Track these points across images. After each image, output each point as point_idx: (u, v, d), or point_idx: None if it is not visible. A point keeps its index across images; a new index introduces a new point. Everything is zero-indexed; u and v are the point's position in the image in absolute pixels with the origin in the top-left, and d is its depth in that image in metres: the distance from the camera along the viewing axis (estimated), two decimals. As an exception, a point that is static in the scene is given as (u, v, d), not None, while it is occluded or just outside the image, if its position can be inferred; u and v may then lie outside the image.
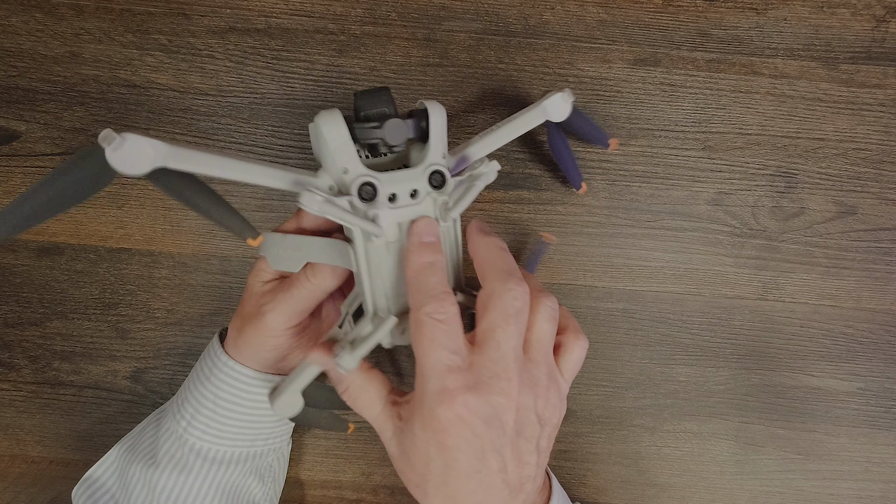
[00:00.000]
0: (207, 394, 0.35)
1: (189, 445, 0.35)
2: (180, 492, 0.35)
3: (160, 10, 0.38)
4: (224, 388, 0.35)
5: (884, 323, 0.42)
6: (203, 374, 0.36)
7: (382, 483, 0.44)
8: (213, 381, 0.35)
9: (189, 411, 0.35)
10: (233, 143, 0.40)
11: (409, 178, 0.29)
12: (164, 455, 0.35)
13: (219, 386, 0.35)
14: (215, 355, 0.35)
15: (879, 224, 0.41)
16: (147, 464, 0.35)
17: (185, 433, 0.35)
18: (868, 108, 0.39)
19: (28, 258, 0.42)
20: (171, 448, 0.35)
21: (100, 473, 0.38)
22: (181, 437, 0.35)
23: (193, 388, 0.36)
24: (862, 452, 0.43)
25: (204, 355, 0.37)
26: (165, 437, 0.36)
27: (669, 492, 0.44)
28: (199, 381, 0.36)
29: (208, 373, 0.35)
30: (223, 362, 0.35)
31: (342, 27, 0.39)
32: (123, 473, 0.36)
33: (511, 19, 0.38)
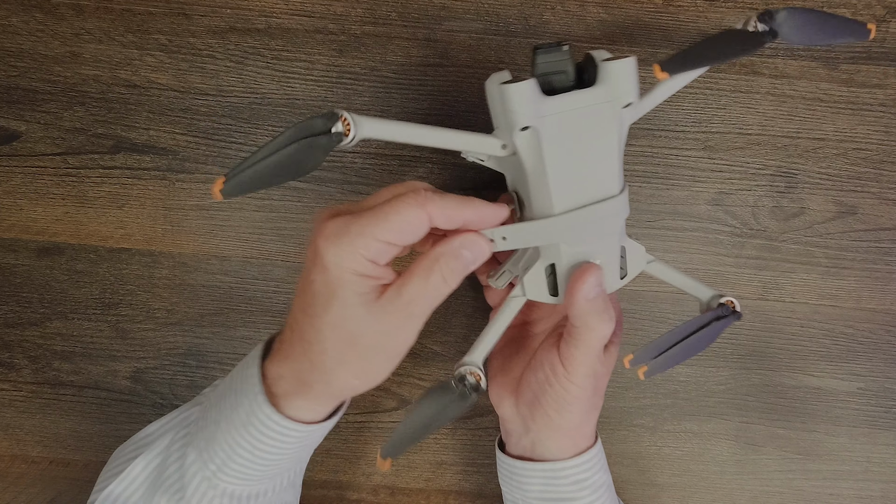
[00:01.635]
0: (244, 443, 0.31)
1: (221, 489, 0.32)
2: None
3: (160, 10, 0.38)
4: (266, 440, 0.31)
5: (884, 323, 0.42)
6: (238, 420, 0.31)
7: (382, 483, 0.44)
8: (251, 433, 0.31)
9: (220, 456, 0.32)
10: (233, 143, 0.40)
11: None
12: (194, 494, 0.32)
13: (259, 439, 0.31)
14: (258, 407, 0.31)
15: (879, 224, 0.41)
16: (175, 497, 0.33)
17: (215, 477, 0.32)
18: (868, 108, 0.39)
19: (28, 258, 0.42)
20: (199, 486, 0.32)
21: (120, 491, 0.34)
22: (210, 480, 0.32)
23: (226, 432, 0.31)
24: (862, 452, 0.43)
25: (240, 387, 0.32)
26: (192, 472, 0.32)
27: (669, 492, 0.44)
28: (231, 426, 0.31)
29: (245, 420, 0.31)
30: (267, 416, 0.30)
31: (342, 27, 0.39)
32: (147, 498, 0.34)
33: (511, 19, 0.38)
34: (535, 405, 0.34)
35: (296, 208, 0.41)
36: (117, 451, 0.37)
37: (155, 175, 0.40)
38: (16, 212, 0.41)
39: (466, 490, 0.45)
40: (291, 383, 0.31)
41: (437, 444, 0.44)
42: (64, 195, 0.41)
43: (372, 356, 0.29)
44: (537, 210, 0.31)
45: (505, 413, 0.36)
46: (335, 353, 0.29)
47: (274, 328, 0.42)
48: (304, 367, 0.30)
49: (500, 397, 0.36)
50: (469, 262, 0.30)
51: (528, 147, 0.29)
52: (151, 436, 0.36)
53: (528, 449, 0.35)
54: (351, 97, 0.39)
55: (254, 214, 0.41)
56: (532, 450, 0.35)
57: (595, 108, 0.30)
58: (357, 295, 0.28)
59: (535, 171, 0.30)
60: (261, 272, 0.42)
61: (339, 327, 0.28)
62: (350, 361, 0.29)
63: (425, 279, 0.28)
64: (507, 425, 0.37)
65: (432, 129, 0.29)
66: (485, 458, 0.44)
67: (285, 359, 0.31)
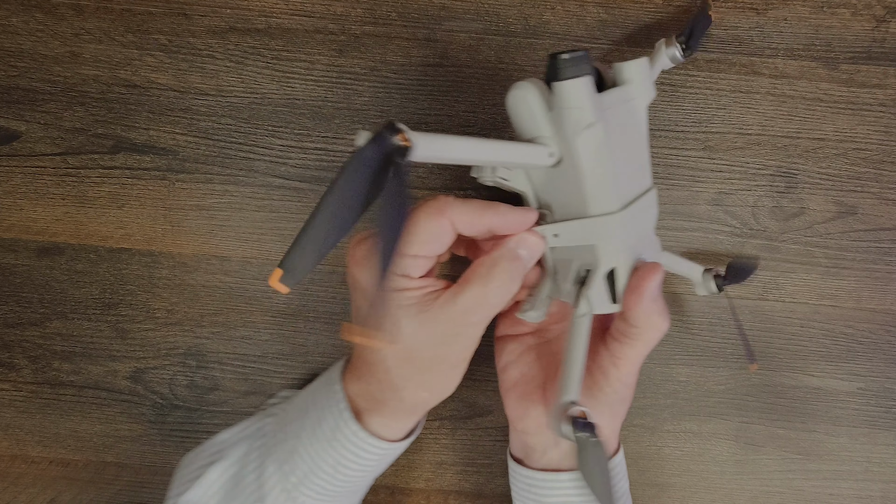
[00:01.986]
0: (328, 458, 0.31)
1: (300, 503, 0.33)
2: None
3: (160, 10, 0.38)
4: (350, 457, 0.31)
5: (884, 323, 0.42)
6: (322, 434, 0.31)
7: (383, 483, 0.44)
8: (336, 449, 0.31)
9: (302, 468, 0.32)
10: (233, 143, 0.40)
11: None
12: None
13: (343, 455, 0.31)
14: (343, 423, 0.31)
15: (879, 224, 0.41)
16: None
17: (296, 490, 0.32)
18: (868, 108, 0.39)
19: (28, 258, 0.42)
20: (278, 498, 0.32)
21: (198, 497, 0.35)
22: (290, 493, 0.32)
23: (309, 445, 0.32)
24: (862, 452, 0.43)
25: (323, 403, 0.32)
26: (272, 484, 0.32)
27: (669, 492, 0.44)
28: (314, 440, 0.32)
29: (330, 436, 0.31)
30: (353, 433, 0.31)
31: (342, 27, 0.39)
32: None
33: (511, 19, 0.38)
34: None
35: (296, 208, 0.41)
36: (188, 456, 0.38)
37: (155, 175, 0.40)
38: (16, 212, 0.41)
39: (466, 490, 0.45)
40: (367, 401, 0.31)
41: (437, 444, 0.44)
42: (64, 195, 0.41)
43: (434, 368, 0.29)
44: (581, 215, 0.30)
45: (531, 425, 0.34)
46: (397, 370, 0.29)
47: (274, 328, 0.42)
48: (373, 387, 0.31)
49: (526, 409, 0.34)
50: (527, 261, 0.30)
51: (588, 146, 0.28)
52: (225, 443, 0.36)
53: (555, 461, 0.34)
54: (351, 97, 0.39)
55: (254, 214, 0.41)
56: (560, 462, 0.34)
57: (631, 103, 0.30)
58: (401, 309, 0.28)
59: (591, 171, 0.29)
60: (261, 272, 0.42)
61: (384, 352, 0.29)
62: (413, 376, 0.29)
63: (483, 286, 0.28)
64: (530, 439, 0.34)
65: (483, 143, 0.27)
66: (485, 458, 0.44)
67: (357, 379, 0.32)
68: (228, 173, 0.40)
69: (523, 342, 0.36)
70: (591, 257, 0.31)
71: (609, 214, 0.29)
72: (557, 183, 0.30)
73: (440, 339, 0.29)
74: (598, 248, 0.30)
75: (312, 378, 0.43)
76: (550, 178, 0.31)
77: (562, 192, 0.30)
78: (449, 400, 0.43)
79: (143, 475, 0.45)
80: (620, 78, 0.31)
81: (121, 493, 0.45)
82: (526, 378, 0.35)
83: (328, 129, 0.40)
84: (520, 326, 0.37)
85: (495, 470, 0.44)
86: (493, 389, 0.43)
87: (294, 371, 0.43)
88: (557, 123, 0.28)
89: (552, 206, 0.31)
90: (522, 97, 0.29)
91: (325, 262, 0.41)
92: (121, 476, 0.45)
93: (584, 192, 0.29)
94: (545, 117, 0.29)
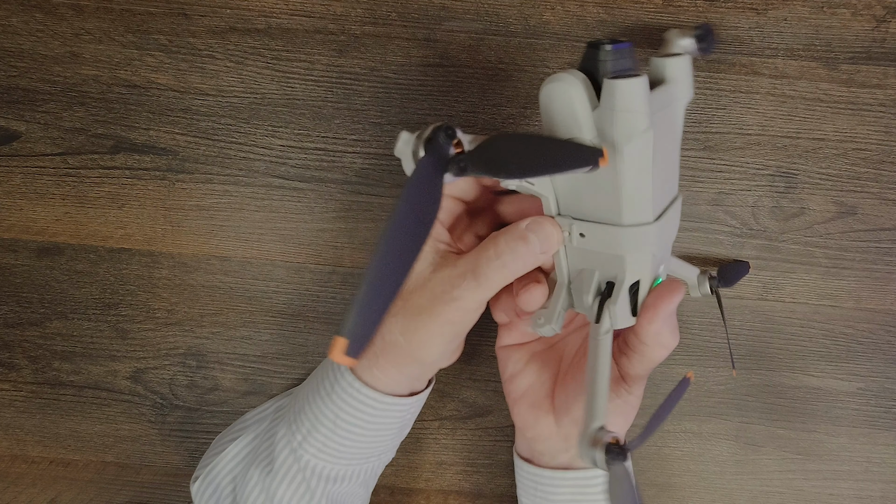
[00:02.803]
0: (327, 412, 0.33)
1: (304, 462, 0.33)
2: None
3: (160, 10, 0.38)
4: (347, 409, 0.32)
5: (884, 323, 0.42)
6: (324, 390, 0.33)
7: (383, 483, 0.44)
8: (333, 401, 0.32)
9: (306, 426, 0.33)
10: (233, 143, 0.40)
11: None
12: (281, 465, 0.34)
13: (340, 406, 0.32)
14: (340, 375, 0.32)
15: (879, 224, 0.41)
16: (265, 470, 0.34)
17: (300, 448, 0.33)
18: (868, 108, 0.39)
19: (28, 258, 0.42)
20: (286, 459, 0.34)
21: (221, 467, 0.36)
22: (296, 452, 0.33)
23: (311, 402, 0.33)
24: (862, 452, 0.43)
25: (326, 366, 0.34)
26: (281, 445, 0.34)
27: (669, 492, 0.44)
28: (317, 396, 0.33)
29: (329, 389, 0.33)
30: (348, 383, 0.32)
31: (342, 27, 0.39)
32: (243, 472, 0.35)
33: (511, 19, 0.38)
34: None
35: (296, 208, 0.41)
36: (217, 437, 0.40)
37: (155, 175, 0.40)
38: (16, 212, 0.41)
39: (466, 490, 0.45)
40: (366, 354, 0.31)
41: (437, 444, 0.44)
42: (64, 195, 0.41)
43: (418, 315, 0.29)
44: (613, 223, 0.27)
45: (541, 432, 0.34)
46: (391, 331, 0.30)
47: (274, 328, 0.42)
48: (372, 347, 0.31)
49: (536, 417, 0.34)
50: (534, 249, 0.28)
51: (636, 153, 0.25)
52: (247, 421, 0.38)
53: (563, 463, 0.34)
54: (351, 97, 0.39)
55: (254, 214, 0.41)
56: (570, 463, 0.34)
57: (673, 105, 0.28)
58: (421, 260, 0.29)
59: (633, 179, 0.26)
60: (261, 272, 0.42)
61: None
62: (399, 314, 0.29)
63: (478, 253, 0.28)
64: (538, 445, 0.34)
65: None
66: (485, 458, 0.44)
67: None
68: (228, 173, 0.40)
69: (527, 350, 0.36)
70: (616, 268, 0.28)
71: (644, 225, 0.27)
72: (589, 187, 0.27)
73: (433, 293, 0.28)
74: (626, 260, 0.28)
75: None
76: (579, 183, 0.28)
77: (593, 198, 0.27)
78: (449, 400, 0.43)
79: (143, 475, 0.45)
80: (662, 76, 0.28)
81: (121, 492, 0.45)
82: (534, 387, 0.35)
83: (328, 129, 0.40)
84: (522, 335, 0.36)
85: (495, 470, 0.44)
86: (493, 389, 0.43)
87: (294, 371, 0.43)
88: (603, 126, 0.25)
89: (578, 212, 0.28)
90: (564, 92, 0.25)
91: (325, 262, 0.41)
92: (121, 476, 0.45)
93: (622, 200, 0.26)
94: (589, 117, 0.25)
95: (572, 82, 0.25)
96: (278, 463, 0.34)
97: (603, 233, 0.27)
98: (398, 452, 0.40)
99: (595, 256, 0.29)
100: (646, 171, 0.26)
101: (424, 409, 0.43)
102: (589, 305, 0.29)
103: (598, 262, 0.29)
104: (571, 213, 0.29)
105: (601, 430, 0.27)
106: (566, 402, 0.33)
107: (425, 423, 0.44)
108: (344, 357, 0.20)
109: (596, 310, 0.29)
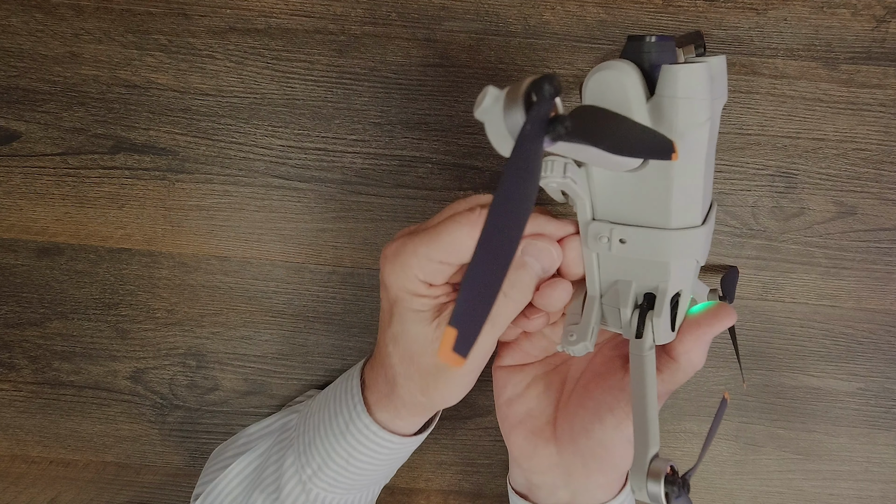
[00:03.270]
0: (340, 451, 0.32)
1: (314, 495, 0.33)
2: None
3: (160, 10, 0.38)
4: (362, 449, 0.32)
5: (884, 323, 0.42)
6: (338, 427, 0.32)
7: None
8: (348, 441, 0.32)
9: (317, 461, 0.32)
10: (233, 143, 0.40)
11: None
12: (289, 495, 0.33)
13: (355, 447, 0.32)
14: (356, 415, 0.31)
15: (879, 224, 0.41)
16: (271, 497, 0.34)
17: (310, 482, 0.33)
18: (868, 108, 0.39)
19: (28, 258, 0.42)
20: (293, 490, 0.33)
21: (223, 487, 0.36)
22: (305, 484, 0.33)
23: (324, 436, 0.32)
24: (862, 452, 0.43)
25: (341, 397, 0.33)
26: (289, 475, 0.33)
27: (669, 492, 0.45)
28: (330, 431, 0.32)
29: (343, 428, 0.32)
30: (365, 426, 0.31)
31: (342, 27, 0.39)
32: (246, 494, 0.35)
33: (511, 19, 0.38)
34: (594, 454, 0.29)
35: (296, 208, 0.41)
36: (217, 450, 0.39)
37: (155, 175, 0.40)
38: (16, 212, 0.41)
39: (466, 490, 0.45)
40: (376, 394, 0.31)
41: (436, 444, 0.44)
42: (64, 195, 0.41)
43: (434, 375, 0.28)
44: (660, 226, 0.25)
45: (540, 464, 0.32)
46: (401, 368, 0.29)
47: (274, 328, 0.42)
48: (380, 378, 0.30)
49: (535, 446, 0.32)
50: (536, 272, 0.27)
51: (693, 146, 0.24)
52: (252, 436, 0.37)
53: (563, 500, 0.32)
54: (351, 97, 0.39)
55: (254, 214, 0.41)
56: (570, 500, 0.32)
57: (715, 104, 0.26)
58: (413, 312, 0.27)
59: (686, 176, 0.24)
60: (261, 272, 0.42)
61: (400, 344, 0.28)
62: (414, 378, 0.29)
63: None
64: (536, 478, 0.32)
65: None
66: (485, 458, 0.44)
67: (371, 369, 0.32)
68: (228, 173, 0.40)
69: (529, 373, 0.34)
70: (658, 277, 0.26)
71: (692, 228, 0.25)
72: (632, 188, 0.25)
73: None
74: (671, 267, 0.26)
75: (312, 378, 0.43)
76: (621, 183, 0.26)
77: (636, 200, 0.25)
78: (449, 400, 0.43)
79: (143, 475, 0.45)
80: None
81: (121, 493, 0.45)
82: (534, 414, 0.32)
83: (328, 129, 0.40)
84: (524, 355, 0.34)
85: (495, 470, 0.44)
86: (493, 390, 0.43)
87: (294, 371, 0.43)
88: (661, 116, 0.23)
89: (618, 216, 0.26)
90: (617, 80, 0.23)
91: (325, 262, 0.42)
92: (121, 476, 0.45)
93: (671, 200, 0.24)
94: (643, 108, 0.24)
95: (627, 70, 0.23)
96: (285, 493, 0.33)
97: (647, 237, 0.25)
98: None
99: (633, 265, 0.27)
100: (698, 168, 0.24)
101: (424, 409, 0.44)
102: (627, 320, 0.27)
103: (636, 272, 0.27)
104: (610, 217, 0.26)
105: (657, 459, 0.24)
106: (570, 430, 0.31)
107: (425, 423, 0.44)
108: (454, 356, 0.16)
109: (636, 324, 0.27)
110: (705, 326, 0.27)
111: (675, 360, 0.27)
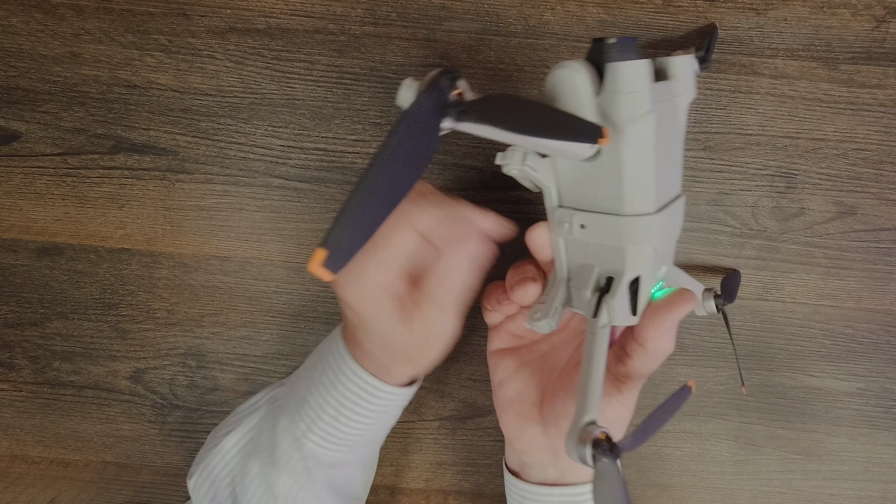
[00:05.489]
0: (331, 400, 0.33)
1: (307, 450, 0.34)
2: (297, 494, 0.34)
3: (160, 10, 0.38)
4: (352, 398, 0.33)
5: (884, 323, 0.42)
6: (327, 379, 0.33)
7: (383, 483, 0.44)
8: (338, 390, 0.33)
9: (309, 415, 0.33)
10: (233, 144, 0.40)
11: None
12: (283, 455, 0.34)
13: (345, 395, 0.33)
14: (343, 362, 0.33)
15: (879, 224, 0.41)
16: (266, 461, 0.34)
17: (304, 437, 0.34)
18: (868, 108, 0.39)
19: (28, 258, 0.42)
20: (288, 449, 0.34)
21: (217, 462, 0.36)
22: (298, 441, 0.34)
23: (315, 391, 0.33)
24: (862, 452, 0.43)
25: (327, 355, 0.34)
26: (283, 435, 0.34)
27: (669, 492, 0.44)
28: (321, 385, 0.33)
29: (333, 378, 0.33)
30: (353, 372, 0.32)
31: (342, 27, 0.39)
32: (242, 464, 0.35)
33: (511, 19, 0.38)
34: None
35: (296, 208, 0.41)
36: (212, 433, 0.39)
37: (155, 175, 0.40)
38: (16, 212, 0.41)
39: (466, 490, 0.45)
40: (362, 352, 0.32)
41: (437, 444, 0.44)
42: (64, 195, 0.41)
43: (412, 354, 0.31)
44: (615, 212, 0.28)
45: (528, 444, 0.33)
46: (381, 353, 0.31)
47: (274, 328, 0.42)
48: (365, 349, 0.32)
49: (523, 426, 0.33)
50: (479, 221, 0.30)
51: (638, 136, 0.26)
52: (241, 413, 0.38)
53: (552, 478, 0.34)
54: (351, 97, 0.39)
55: (254, 214, 0.41)
56: (558, 478, 0.34)
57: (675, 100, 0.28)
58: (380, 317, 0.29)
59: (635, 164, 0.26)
60: (261, 272, 0.42)
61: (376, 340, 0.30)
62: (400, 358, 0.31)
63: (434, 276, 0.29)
64: (526, 457, 0.34)
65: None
66: (485, 458, 0.44)
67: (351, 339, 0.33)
68: (228, 173, 0.40)
69: (518, 357, 0.36)
70: (616, 262, 0.28)
71: (645, 215, 0.27)
72: (590, 176, 0.28)
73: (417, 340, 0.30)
74: (626, 252, 0.28)
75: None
76: (581, 171, 0.28)
77: (594, 187, 0.28)
78: (449, 400, 0.43)
79: (143, 475, 0.45)
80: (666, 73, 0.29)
81: (121, 493, 0.45)
82: (521, 396, 0.34)
83: (328, 129, 0.40)
84: (514, 340, 0.36)
85: (495, 470, 0.44)
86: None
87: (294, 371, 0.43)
88: (606, 109, 0.26)
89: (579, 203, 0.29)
90: (568, 77, 0.26)
91: (325, 262, 0.41)
92: (121, 476, 0.45)
93: (623, 187, 0.27)
94: (592, 102, 0.26)
95: (577, 68, 0.26)
96: (280, 452, 0.34)
97: (604, 223, 0.28)
98: (399, 453, 0.40)
99: (595, 249, 0.29)
100: (647, 158, 0.26)
101: (424, 408, 0.44)
102: (587, 300, 0.29)
103: (598, 256, 0.29)
104: (573, 203, 0.29)
105: (591, 425, 0.26)
106: (555, 412, 0.32)
107: (425, 423, 0.44)
108: (322, 270, 0.19)
109: (594, 305, 0.29)
110: (664, 312, 0.28)
111: (643, 346, 0.29)
